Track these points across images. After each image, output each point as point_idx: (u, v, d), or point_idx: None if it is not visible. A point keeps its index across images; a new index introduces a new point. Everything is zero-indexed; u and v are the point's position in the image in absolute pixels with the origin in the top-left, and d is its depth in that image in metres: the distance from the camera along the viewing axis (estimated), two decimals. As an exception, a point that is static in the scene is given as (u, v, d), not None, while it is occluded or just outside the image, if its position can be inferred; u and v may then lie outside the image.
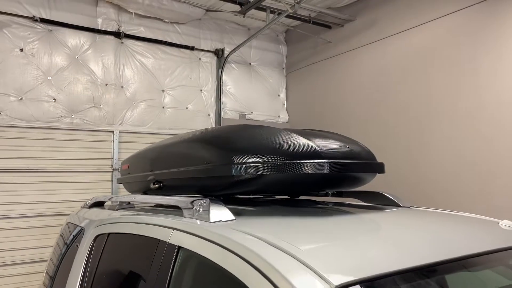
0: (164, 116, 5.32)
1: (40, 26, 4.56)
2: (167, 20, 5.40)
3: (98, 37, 4.92)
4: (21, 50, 4.45)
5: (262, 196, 2.54)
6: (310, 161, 1.54)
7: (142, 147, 4.99)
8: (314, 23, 5.41)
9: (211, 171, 1.71)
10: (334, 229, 1.33)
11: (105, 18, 4.98)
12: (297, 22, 5.76)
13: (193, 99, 5.56)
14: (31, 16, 4.49)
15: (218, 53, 5.76)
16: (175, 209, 1.87)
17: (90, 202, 2.67)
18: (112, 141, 4.92)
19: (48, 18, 4.59)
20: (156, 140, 5.06)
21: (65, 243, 2.55)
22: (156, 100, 5.28)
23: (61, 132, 4.63)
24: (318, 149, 1.58)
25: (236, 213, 1.55)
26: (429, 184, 4.16)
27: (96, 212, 2.32)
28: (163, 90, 5.34)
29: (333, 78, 5.49)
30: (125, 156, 4.91)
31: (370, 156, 1.78)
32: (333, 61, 5.53)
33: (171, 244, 1.37)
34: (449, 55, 4.05)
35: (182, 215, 1.56)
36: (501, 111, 3.61)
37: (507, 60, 3.60)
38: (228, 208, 1.55)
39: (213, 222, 1.37)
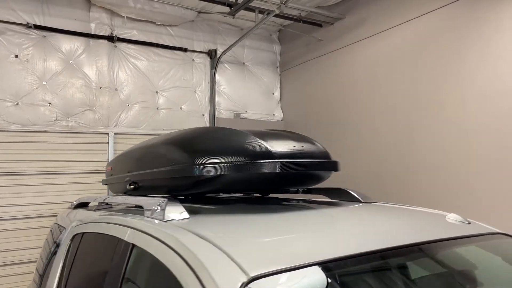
0: (159, 117, 5.43)
1: (34, 33, 4.69)
2: (159, 23, 5.50)
3: (91, 41, 5.04)
4: (16, 56, 4.58)
5: (235, 195, 2.62)
6: (262, 161, 1.62)
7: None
8: (304, 22, 5.47)
9: (174, 172, 1.80)
10: (276, 224, 1.41)
11: (98, 23, 5.09)
12: (289, 22, 5.82)
13: (187, 99, 5.66)
14: (25, 23, 4.61)
15: (211, 54, 5.84)
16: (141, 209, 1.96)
17: (75, 203, 2.78)
18: (107, 143, 5.04)
19: (42, 25, 4.72)
20: (150, 141, 5.18)
21: (51, 243, 2.66)
22: (150, 102, 5.38)
23: (57, 135, 4.75)
24: (271, 149, 1.66)
25: (195, 212, 1.64)
26: (417, 178, 4.21)
27: (78, 213, 2.43)
28: (157, 92, 5.45)
29: (326, 76, 5.55)
30: (120, 157, 5.03)
31: (323, 154, 1.85)
32: (325, 59, 5.59)
33: (127, 242, 1.47)
34: (436, 51, 4.09)
35: (142, 215, 1.65)
36: (484, 105, 3.65)
37: (490, 55, 3.63)
38: (191, 206, 1.63)
39: (166, 221, 1.46)
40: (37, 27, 4.67)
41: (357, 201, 2.03)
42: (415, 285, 1.30)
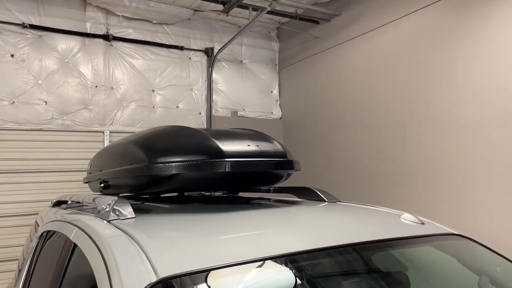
0: (155, 115, 5.45)
1: (30, 32, 4.75)
2: (155, 21, 5.51)
3: (87, 40, 5.08)
4: (12, 56, 4.65)
5: (203, 193, 2.61)
6: (212, 160, 1.60)
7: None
8: (301, 19, 5.43)
9: (131, 171, 1.80)
10: (219, 224, 1.40)
11: (94, 22, 5.13)
12: (286, 19, 5.78)
13: (184, 98, 5.67)
14: (21, 23, 4.68)
15: (208, 52, 5.84)
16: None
17: (54, 201, 2.80)
18: (103, 141, 5.08)
19: (38, 24, 4.78)
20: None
21: (29, 241, 2.70)
22: (146, 100, 5.41)
23: (52, 133, 4.82)
24: (222, 148, 1.65)
25: (146, 211, 1.63)
26: (413, 176, 4.15)
27: (50, 211, 2.45)
28: (153, 90, 5.47)
29: (323, 73, 5.50)
30: (116, 155, 5.07)
31: (278, 154, 1.82)
32: (322, 56, 5.54)
33: (71, 241, 1.47)
34: (431, 46, 4.02)
35: (95, 214, 1.65)
36: (477, 102, 3.57)
37: (483, 52, 3.55)
38: (146, 205, 1.63)
39: (109, 220, 1.46)
40: (32, 26, 4.74)
41: (322, 200, 2.00)
42: (353, 284, 1.28)
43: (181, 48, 5.66)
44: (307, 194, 2.11)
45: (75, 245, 1.43)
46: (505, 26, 3.37)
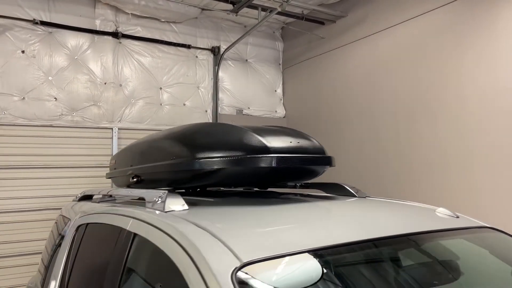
0: (162, 113, 5.51)
1: (41, 29, 4.77)
2: (163, 20, 5.56)
3: (96, 37, 5.12)
4: (23, 52, 4.66)
5: (234, 189, 2.69)
6: (259, 155, 1.69)
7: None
8: (307, 19, 5.52)
9: (175, 165, 1.87)
10: (271, 215, 1.48)
11: (103, 19, 5.16)
12: (291, 19, 5.86)
13: (190, 96, 5.73)
14: (32, 19, 4.70)
15: (215, 51, 5.91)
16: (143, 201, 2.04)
17: (80, 195, 2.86)
18: (111, 138, 5.12)
19: (48, 21, 4.80)
20: (153, 136, 5.27)
21: (55, 234, 2.75)
22: (154, 98, 5.46)
23: (62, 129, 4.84)
24: (267, 144, 1.73)
25: (194, 204, 1.71)
26: (416, 175, 4.27)
27: (83, 205, 2.51)
28: (160, 88, 5.52)
29: (328, 73, 5.60)
30: (124, 152, 5.12)
31: (318, 150, 1.91)
32: (327, 57, 5.64)
33: (129, 231, 1.54)
34: (437, 49, 4.14)
35: (144, 207, 1.72)
36: (484, 104, 3.69)
37: (489, 54, 3.67)
38: (190, 199, 1.71)
39: (166, 212, 1.54)
40: (43, 23, 4.76)
41: (351, 195, 2.09)
42: (404, 274, 1.37)
43: (188, 46, 5.72)
44: (335, 189, 2.21)
45: (135, 234, 1.50)
46: (511, 27, 3.50)
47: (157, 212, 1.55)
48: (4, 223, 4.48)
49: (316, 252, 1.15)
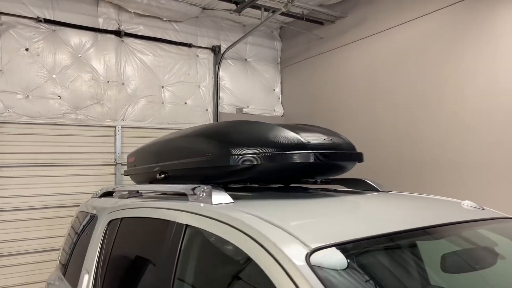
0: (164, 111, 5.55)
1: (44, 27, 4.77)
2: (165, 19, 5.60)
3: (99, 36, 5.13)
4: (27, 49, 4.66)
5: (257, 185, 2.78)
6: (298, 152, 1.78)
7: (144, 141, 5.24)
8: (307, 20, 5.63)
9: (211, 161, 1.95)
10: (316, 208, 1.58)
11: (106, 18, 5.18)
12: (290, 19, 5.97)
13: (192, 94, 5.79)
14: (36, 17, 4.69)
15: (215, 50, 5.97)
16: (179, 196, 2.11)
17: (100, 192, 2.91)
18: (115, 136, 5.15)
19: (52, 19, 4.80)
20: (156, 134, 5.31)
21: (79, 229, 2.79)
22: (156, 96, 5.50)
23: (66, 128, 4.85)
24: (304, 141, 1.83)
25: (235, 198, 1.79)
26: (416, 172, 4.42)
27: (108, 201, 2.56)
28: (162, 86, 5.56)
29: (326, 73, 5.73)
30: (127, 150, 5.15)
31: (350, 146, 2.02)
32: (326, 57, 5.76)
33: (180, 223, 1.62)
34: (436, 51, 4.29)
35: (187, 200, 1.80)
36: (484, 104, 3.86)
37: (488, 56, 3.84)
38: (229, 193, 1.78)
39: (215, 204, 1.62)
40: (47, 21, 4.75)
41: (375, 190, 2.20)
42: (450, 257, 1.47)
43: (189, 45, 5.77)
44: (357, 184, 2.31)
45: (187, 226, 1.57)
46: (508, 30, 3.66)
47: (206, 204, 1.63)
48: (8, 221, 4.47)
49: (374, 239, 1.26)
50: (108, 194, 2.87)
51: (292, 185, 2.54)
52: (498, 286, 1.52)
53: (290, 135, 1.85)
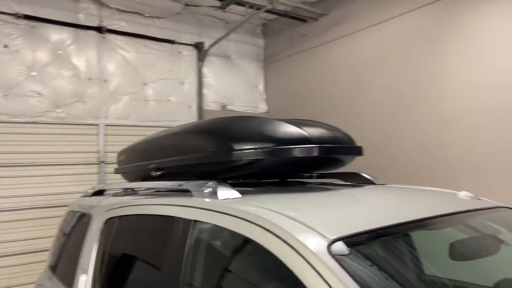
0: (147, 108, 5.48)
1: (23, 23, 4.63)
2: (147, 15, 5.53)
3: (80, 32, 5.02)
4: (6, 46, 4.51)
5: (251, 181, 2.78)
6: (302, 146, 1.79)
7: (128, 139, 5.15)
8: (291, 17, 5.66)
9: (213, 157, 1.94)
10: (323, 200, 1.60)
11: (87, 13, 5.07)
12: (273, 16, 5.98)
13: (175, 91, 5.73)
14: (15, 13, 4.54)
15: (198, 46, 5.93)
16: (179, 192, 2.09)
17: (92, 190, 2.85)
18: (97, 134, 5.05)
19: (31, 15, 4.66)
20: (140, 132, 5.24)
21: (69, 229, 2.74)
22: (139, 93, 5.42)
23: (47, 126, 4.73)
24: (308, 135, 1.84)
25: (240, 193, 1.79)
26: (399, 165, 4.51)
27: (102, 199, 2.52)
28: (145, 84, 5.49)
29: (309, 70, 5.77)
30: (111, 148, 5.07)
31: (351, 140, 2.05)
32: (309, 54, 5.81)
33: (187, 219, 1.61)
34: (417, 48, 4.38)
35: (189, 197, 1.78)
36: (459, 99, 3.97)
37: (465, 53, 3.95)
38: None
39: (222, 199, 1.61)
40: (26, 17, 4.62)
41: (371, 183, 2.24)
42: (458, 244, 1.51)
43: (172, 42, 5.72)
44: (353, 178, 2.35)
45: (195, 221, 1.56)
46: (489, 29, 3.78)
47: (214, 200, 1.62)
48: (-11, 224, 4.34)
49: (387, 229, 1.29)
50: (100, 192, 2.82)
51: (288, 179, 2.55)
52: (498, 273, 1.58)
53: (293, 130, 1.86)
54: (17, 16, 4.54)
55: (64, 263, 2.65)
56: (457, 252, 1.46)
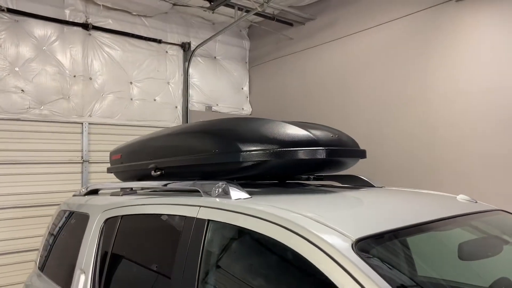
0: (133, 107, 5.42)
1: (7, 16, 4.51)
2: (134, 13, 5.47)
3: (65, 28, 4.92)
4: (-12, 40, 4.38)
5: (248, 181, 2.80)
6: (311, 148, 1.83)
7: (112, 138, 5.09)
8: (278, 20, 5.71)
9: (218, 157, 1.95)
10: (330, 202, 1.64)
11: (73, 9, 4.98)
12: (260, 19, 6.02)
13: (161, 91, 5.69)
14: (-2, 5, 4.42)
15: (185, 47, 5.91)
16: (185, 192, 2.09)
17: (85, 190, 2.81)
18: (82, 133, 4.96)
19: (15, 8, 4.54)
20: (125, 131, 5.18)
21: (62, 228, 2.68)
22: (125, 92, 5.36)
23: (30, 123, 4.61)
24: (316, 138, 1.88)
25: (248, 194, 1.81)
26: (385, 169, 4.62)
27: (99, 199, 2.48)
28: (131, 82, 5.43)
29: (294, 73, 5.84)
30: (95, 147, 4.99)
31: (355, 144, 2.10)
32: (294, 57, 5.87)
33: (200, 219, 1.61)
34: (402, 54, 4.51)
35: (199, 197, 1.79)
36: (445, 104, 4.11)
37: (450, 59, 4.09)
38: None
39: (235, 200, 1.63)
40: (10, 10, 4.50)
41: (369, 185, 2.29)
42: (464, 245, 1.58)
43: (159, 41, 5.68)
44: (352, 180, 2.40)
45: (209, 221, 1.57)
46: (474, 36, 3.93)
47: (227, 200, 1.63)
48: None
49: (405, 230, 1.34)
50: (93, 192, 2.78)
51: (287, 181, 2.58)
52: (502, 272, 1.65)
53: (301, 132, 1.90)
54: (0, 9, 4.42)
55: (56, 263, 2.60)
56: (465, 252, 1.53)
